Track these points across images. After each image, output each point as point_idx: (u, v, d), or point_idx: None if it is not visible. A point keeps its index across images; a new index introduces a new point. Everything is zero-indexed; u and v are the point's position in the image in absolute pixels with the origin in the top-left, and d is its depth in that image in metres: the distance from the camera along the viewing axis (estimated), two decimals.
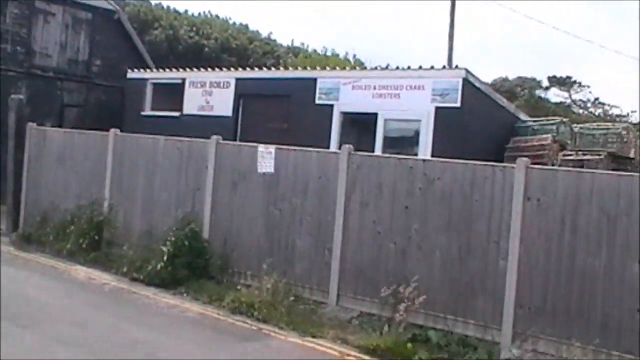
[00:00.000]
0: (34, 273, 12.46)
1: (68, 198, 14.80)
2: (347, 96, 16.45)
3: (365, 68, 19.42)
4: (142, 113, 20.72)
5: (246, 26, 46.25)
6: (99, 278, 12.33)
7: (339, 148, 11.57)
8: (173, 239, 11.91)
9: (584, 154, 15.36)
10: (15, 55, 21.27)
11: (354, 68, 19.27)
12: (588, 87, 47.46)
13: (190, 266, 11.84)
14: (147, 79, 21.14)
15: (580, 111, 46.29)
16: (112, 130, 14.44)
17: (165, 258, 11.71)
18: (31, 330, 8.83)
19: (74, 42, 22.83)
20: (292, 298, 10.57)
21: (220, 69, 20.30)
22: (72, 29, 22.72)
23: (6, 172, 16.28)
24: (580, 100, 48.01)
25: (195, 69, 20.14)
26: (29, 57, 21.61)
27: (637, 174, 8.77)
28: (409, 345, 8.95)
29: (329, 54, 41.38)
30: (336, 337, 9.43)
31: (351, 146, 11.03)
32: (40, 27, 21.89)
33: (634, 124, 29.01)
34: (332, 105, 16.65)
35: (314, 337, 9.47)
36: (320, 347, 9.11)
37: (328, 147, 15.47)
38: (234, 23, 45.24)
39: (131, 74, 21.52)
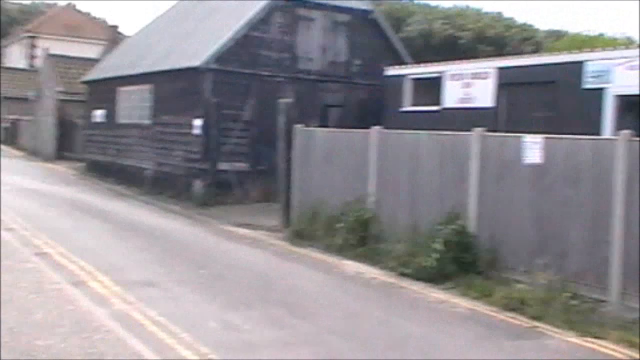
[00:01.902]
0: (307, 267, 13.04)
1: (334, 195, 15.27)
2: (621, 78, 15.17)
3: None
4: (401, 109, 20.89)
5: (500, 14, 45.20)
6: (367, 272, 12.57)
7: (613, 135, 10.68)
8: (442, 235, 11.77)
9: None
10: (282, 61, 22.62)
11: (627, 47, 17.72)
12: None
13: (458, 261, 11.65)
14: (405, 75, 21.31)
15: None
16: (375, 127, 14.67)
17: (434, 254, 11.63)
18: (308, 321, 9.23)
19: (334, 45, 23.72)
20: (567, 295, 9.94)
21: (479, 59, 19.85)
22: (331, 32, 23.63)
23: (278, 172, 17.32)
24: None
25: (453, 62, 19.90)
26: (294, 62, 22.86)
27: None
28: None
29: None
30: (621, 338, 8.65)
31: (629, 132, 10.14)
32: (302, 33, 23.06)
33: None
34: (602, 89, 15.51)
35: (595, 337, 8.80)
36: (603, 349, 8.45)
37: (599, 134, 14.41)
38: (486, 12, 44.42)
39: (389, 71, 21.83)
